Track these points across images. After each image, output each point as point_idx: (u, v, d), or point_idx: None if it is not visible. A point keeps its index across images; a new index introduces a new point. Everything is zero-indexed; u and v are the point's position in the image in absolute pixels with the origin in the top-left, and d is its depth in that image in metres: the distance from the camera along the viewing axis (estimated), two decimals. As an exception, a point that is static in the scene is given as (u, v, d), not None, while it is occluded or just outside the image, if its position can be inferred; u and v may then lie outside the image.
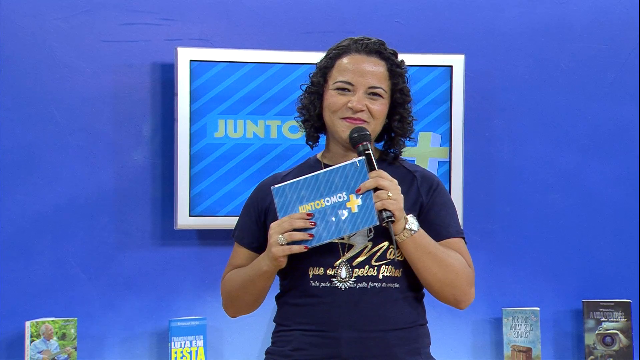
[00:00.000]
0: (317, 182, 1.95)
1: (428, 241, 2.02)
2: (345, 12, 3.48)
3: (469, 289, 2.08)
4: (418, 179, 2.12)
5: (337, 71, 2.10)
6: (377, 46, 2.12)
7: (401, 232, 1.98)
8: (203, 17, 3.39)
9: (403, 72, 2.15)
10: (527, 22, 3.59)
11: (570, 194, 3.60)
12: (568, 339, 3.57)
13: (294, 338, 2.06)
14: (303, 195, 1.95)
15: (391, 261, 2.04)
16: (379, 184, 1.95)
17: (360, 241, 2.04)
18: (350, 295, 2.01)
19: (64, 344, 3.17)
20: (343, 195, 1.94)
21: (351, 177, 1.94)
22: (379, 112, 2.08)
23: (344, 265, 2.03)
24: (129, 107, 3.34)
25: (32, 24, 3.28)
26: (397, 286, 2.05)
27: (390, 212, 1.94)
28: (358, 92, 2.07)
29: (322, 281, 2.03)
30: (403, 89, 2.14)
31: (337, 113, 2.07)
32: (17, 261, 3.25)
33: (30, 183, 3.27)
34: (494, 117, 3.57)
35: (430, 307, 3.51)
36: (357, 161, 1.95)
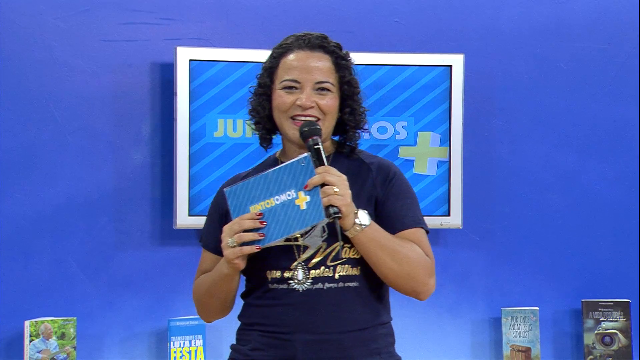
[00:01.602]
0: (266, 181, 1.93)
1: (381, 235, 1.98)
2: (345, 11, 3.48)
3: (427, 279, 2.02)
4: (373, 171, 2.07)
5: (282, 70, 2.06)
6: (319, 41, 2.08)
7: (351, 227, 1.94)
8: (202, 17, 3.39)
9: (349, 64, 2.10)
10: (526, 21, 3.58)
11: (570, 194, 3.60)
12: (567, 338, 3.57)
13: (253, 338, 2.05)
14: (254, 195, 1.93)
15: (347, 260, 2.01)
16: (325, 179, 1.91)
17: (314, 242, 2.01)
18: (306, 297, 1.99)
19: (63, 344, 3.17)
20: (292, 193, 1.92)
21: (299, 174, 1.91)
22: (329, 107, 2.04)
23: (300, 267, 2.00)
24: (129, 107, 3.34)
25: (31, 24, 3.28)
26: (356, 285, 2.02)
27: (337, 208, 1.90)
28: (305, 89, 2.03)
29: (280, 283, 2.01)
30: (350, 80, 2.08)
31: (287, 112, 2.04)
32: (16, 260, 3.25)
33: (30, 182, 3.27)
34: (494, 116, 3.57)
35: (430, 307, 3.54)
36: (302, 158, 1.92)
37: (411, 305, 3.50)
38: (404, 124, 3.41)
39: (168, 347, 3.24)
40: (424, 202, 3.41)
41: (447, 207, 3.42)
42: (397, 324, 3.47)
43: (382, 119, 3.40)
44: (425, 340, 3.50)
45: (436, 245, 3.53)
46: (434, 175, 3.42)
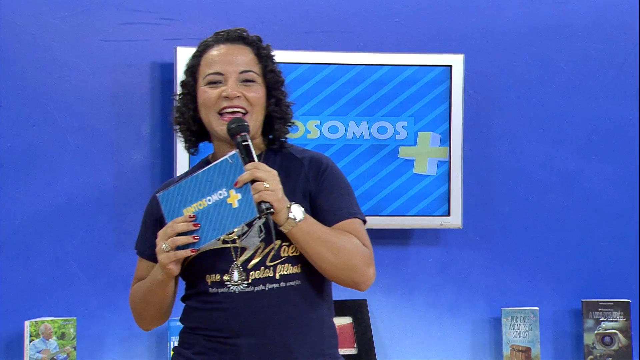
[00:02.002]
0: (197, 182, 1.91)
1: (316, 227, 1.95)
2: (345, 11, 3.48)
3: (366, 269, 2.00)
4: (305, 165, 2.05)
5: (204, 66, 2.03)
6: (238, 33, 2.07)
7: (285, 222, 1.91)
8: (202, 17, 3.39)
9: (270, 53, 2.07)
10: (526, 21, 3.58)
11: (570, 194, 3.60)
12: (567, 338, 3.57)
13: (197, 342, 2.02)
14: (186, 198, 1.91)
15: (287, 258, 1.98)
16: (255, 175, 1.88)
17: (252, 243, 1.98)
18: (248, 299, 1.96)
19: (63, 344, 3.17)
20: (223, 192, 1.89)
21: (229, 172, 1.89)
22: (256, 99, 2.02)
23: (236, 268, 1.97)
24: (129, 107, 3.34)
25: (31, 24, 3.28)
26: (298, 283, 1.99)
27: (268, 204, 1.87)
28: (230, 79, 2.00)
29: (219, 287, 1.98)
30: (274, 69, 2.06)
31: (214, 107, 2.01)
32: (16, 261, 3.25)
33: (30, 182, 3.27)
34: (494, 116, 3.57)
35: (429, 307, 3.54)
36: (229, 157, 1.90)
37: (411, 306, 3.51)
38: (404, 124, 3.41)
39: (168, 347, 3.24)
40: (423, 202, 3.41)
41: (447, 207, 3.42)
42: (397, 324, 3.49)
43: (382, 119, 3.40)
44: (425, 340, 3.50)
45: (436, 245, 3.53)
46: (434, 175, 3.42)
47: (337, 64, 3.37)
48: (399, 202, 3.41)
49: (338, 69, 3.37)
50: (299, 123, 3.35)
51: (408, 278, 3.51)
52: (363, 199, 3.38)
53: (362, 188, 3.39)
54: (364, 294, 3.45)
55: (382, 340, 3.47)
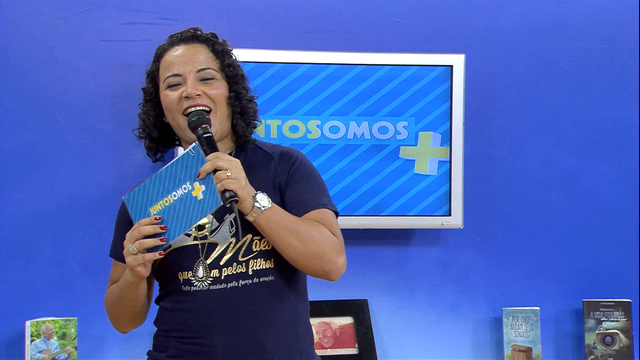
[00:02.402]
0: (161, 179, 1.89)
1: (283, 216, 1.93)
2: (345, 11, 3.48)
3: (336, 257, 1.96)
4: (276, 159, 2.04)
5: (162, 70, 2.04)
6: (191, 33, 2.06)
7: (250, 210, 1.89)
8: (203, 17, 3.39)
9: (227, 48, 2.07)
10: (527, 21, 3.59)
11: (570, 194, 3.60)
12: (568, 338, 3.57)
13: (171, 345, 1.99)
14: (152, 197, 1.90)
15: (259, 253, 1.95)
16: (216, 165, 1.86)
17: (223, 238, 1.96)
18: (221, 297, 1.93)
19: (65, 344, 3.16)
20: (187, 186, 1.87)
21: (191, 166, 1.87)
22: (217, 95, 2.01)
23: (203, 265, 1.95)
24: (129, 107, 3.34)
25: (32, 24, 3.28)
26: (272, 279, 1.96)
27: (232, 192, 1.86)
28: (189, 79, 2.00)
29: (191, 285, 1.95)
30: (231, 63, 2.05)
31: (177, 109, 2.00)
32: (17, 261, 3.25)
33: (31, 182, 3.26)
34: (494, 116, 3.57)
35: (430, 307, 3.54)
36: (191, 149, 1.88)
37: (412, 306, 3.50)
38: (405, 123, 3.41)
39: (169, 347, 3.24)
40: (424, 202, 3.41)
41: (448, 207, 3.42)
42: (398, 324, 3.49)
43: (382, 119, 3.40)
44: (426, 340, 3.49)
45: (437, 245, 3.53)
46: (434, 175, 3.42)
47: (337, 64, 3.37)
48: (400, 202, 3.41)
49: (339, 68, 3.37)
50: (299, 123, 3.35)
51: (409, 278, 3.51)
52: (364, 199, 3.38)
53: (363, 188, 3.39)
54: (365, 293, 3.45)
55: (383, 340, 3.47)
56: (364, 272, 3.48)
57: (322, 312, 3.38)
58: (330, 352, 3.35)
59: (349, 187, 3.38)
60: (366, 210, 3.38)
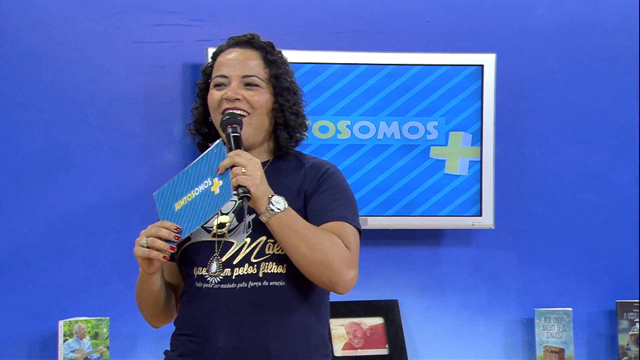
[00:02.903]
0: (187, 175, 1.93)
1: (296, 221, 1.91)
2: (375, 11, 3.48)
3: (345, 270, 1.91)
4: (307, 168, 2.03)
5: (214, 70, 2.07)
6: (247, 38, 2.07)
7: (264, 210, 1.89)
8: (233, 18, 3.40)
9: (279, 60, 2.07)
10: (558, 20, 3.56)
11: (603, 194, 3.57)
12: (601, 339, 3.54)
13: (181, 344, 2.01)
14: (178, 192, 1.93)
15: (271, 256, 1.94)
16: (234, 161, 1.88)
17: (239, 238, 1.96)
18: (229, 297, 1.92)
19: (97, 343, 3.19)
20: (208, 181, 1.90)
21: (213, 162, 1.90)
22: (258, 102, 2.01)
23: (217, 261, 1.96)
24: (161, 108, 3.36)
25: (65, 26, 3.31)
26: (282, 284, 1.94)
27: (245, 188, 1.86)
28: (232, 82, 2.02)
29: (204, 282, 1.95)
30: (279, 75, 2.05)
31: (218, 109, 2.02)
32: (50, 261, 3.28)
33: (64, 183, 3.29)
34: (525, 116, 3.55)
35: (461, 308, 3.53)
36: (215, 146, 1.91)
37: (444, 306, 3.49)
38: (435, 123, 3.40)
39: (200, 347, 3.25)
40: (455, 203, 3.40)
41: (479, 208, 3.40)
42: (428, 325, 3.48)
43: (413, 119, 3.39)
44: (457, 341, 3.48)
45: (468, 245, 3.51)
46: (465, 175, 3.41)
47: (367, 64, 3.37)
48: (431, 203, 3.40)
49: (369, 69, 3.37)
50: (329, 124, 3.35)
51: (440, 279, 3.50)
52: (394, 200, 3.37)
53: (393, 188, 3.38)
54: (396, 294, 3.44)
55: (413, 341, 3.46)
56: (394, 272, 3.47)
57: (352, 313, 3.38)
58: (361, 353, 3.35)
59: (379, 188, 3.37)
60: (396, 210, 3.38)
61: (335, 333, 3.35)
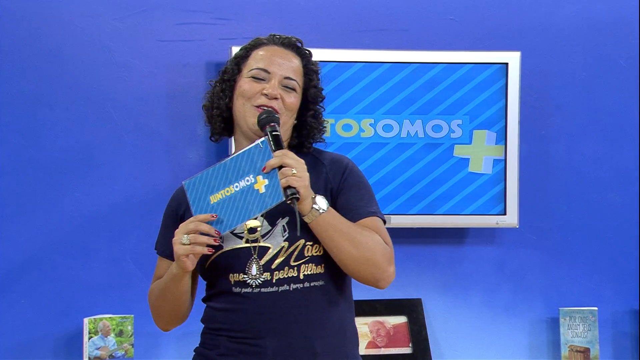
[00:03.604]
0: (225, 169, 1.91)
1: (339, 220, 1.95)
2: (399, 10, 3.47)
3: (387, 266, 1.98)
4: (327, 165, 2.07)
5: (253, 60, 2.08)
6: (293, 42, 2.12)
7: (309, 211, 1.92)
8: (257, 16, 3.40)
9: (317, 69, 2.14)
10: (583, 18, 3.54)
11: (628, 192, 3.55)
12: (627, 339, 3.52)
13: (221, 343, 2.02)
14: (213, 185, 1.91)
15: (311, 258, 1.98)
16: (283, 161, 1.90)
17: (275, 242, 1.99)
18: (272, 300, 1.96)
19: (121, 341, 3.20)
20: (250, 178, 1.90)
21: (257, 159, 1.90)
22: (292, 105, 2.06)
23: (256, 263, 1.98)
24: (184, 106, 3.37)
25: (89, 25, 3.32)
26: (322, 284, 1.99)
27: (294, 189, 1.88)
28: (273, 80, 2.05)
29: (243, 287, 1.98)
30: (316, 86, 2.12)
31: (251, 100, 2.04)
32: (75, 259, 3.30)
33: (88, 181, 3.31)
34: (550, 114, 3.53)
35: (485, 307, 3.52)
36: (260, 142, 1.91)
37: (467, 306, 3.48)
38: (459, 122, 3.39)
39: (224, 345, 3.26)
40: (479, 201, 3.39)
41: (503, 206, 3.39)
42: (452, 324, 3.47)
43: (436, 117, 3.38)
44: (481, 340, 3.47)
45: (492, 244, 3.50)
46: (489, 173, 3.39)
47: (391, 62, 3.36)
48: (454, 201, 3.39)
49: (392, 67, 3.36)
50: (353, 122, 3.35)
51: (463, 277, 3.49)
52: (417, 198, 3.37)
53: (417, 187, 3.37)
54: (419, 292, 3.44)
55: (437, 340, 3.45)
56: (418, 271, 3.47)
57: (375, 311, 3.38)
58: (384, 352, 3.34)
59: (402, 186, 3.37)
60: (420, 209, 3.37)
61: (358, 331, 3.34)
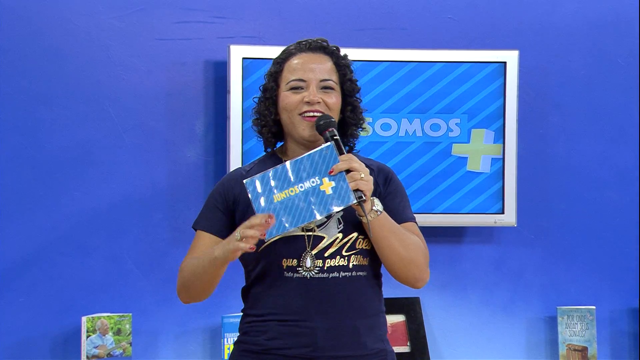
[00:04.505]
0: (286, 171, 2.03)
1: (392, 222, 2.11)
2: (398, 9, 3.47)
3: (426, 267, 2.17)
4: (375, 171, 2.19)
5: (287, 72, 2.18)
6: (319, 43, 2.21)
7: (369, 212, 2.06)
8: (256, 15, 3.40)
9: (348, 63, 2.22)
10: (582, 17, 3.54)
11: (626, 191, 3.55)
12: (625, 338, 3.52)
13: (269, 328, 2.12)
14: (276, 185, 2.02)
15: (360, 250, 2.13)
16: (351, 166, 2.03)
17: (331, 233, 2.12)
18: (323, 285, 2.10)
19: (119, 339, 3.21)
20: (316, 180, 2.01)
21: (322, 162, 2.02)
22: (334, 104, 2.16)
23: (311, 257, 2.11)
24: (182, 105, 3.37)
25: (88, 23, 3.32)
26: (365, 274, 2.14)
27: (362, 192, 2.02)
28: (311, 86, 2.15)
29: (295, 272, 2.11)
30: (351, 78, 2.21)
31: (295, 111, 2.15)
32: (73, 257, 3.30)
33: (86, 180, 3.31)
34: (549, 113, 3.53)
35: (483, 306, 3.52)
36: (325, 147, 2.03)
37: (465, 304, 3.48)
38: (458, 120, 3.39)
39: (221, 344, 3.26)
40: (477, 200, 3.39)
41: (501, 205, 3.39)
42: (450, 322, 3.47)
43: (435, 116, 3.38)
44: (479, 339, 3.47)
45: (490, 243, 3.50)
46: (487, 172, 3.40)
47: (389, 61, 3.36)
48: (453, 200, 3.39)
49: (391, 65, 3.36)
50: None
51: (461, 276, 3.49)
52: (416, 197, 3.37)
53: (415, 185, 3.37)
54: (417, 291, 3.44)
55: (435, 338, 3.45)
56: (416, 270, 3.46)
57: (374, 310, 3.38)
58: (382, 350, 3.34)
59: (401, 185, 3.36)
60: (418, 207, 3.37)
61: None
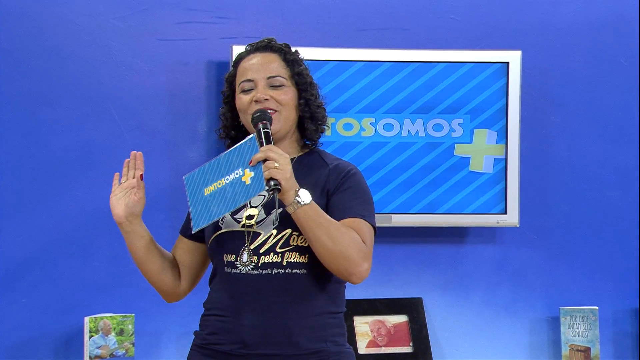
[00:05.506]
0: (219, 164, 2.07)
1: (319, 214, 2.06)
2: (400, 9, 3.47)
3: (360, 261, 2.08)
4: (330, 168, 2.18)
5: (238, 75, 2.21)
6: (265, 43, 2.23)
7: (291, 203, 2.04)
8: (258, 15, 3.40)
9: (297, 58, 2.24)
10: (584, 17, 3.54)
11: (629, 191, 3.55)
12: (628, 338, 3.52)
13: (210, 323, 2.17)
14: (208, 179, 2.08)
15: (295, 247, 2.11)
16: (267, 155, 2.03)
17: (266, 229, 2.13)
18: (254, 281, 2.10)
19: (122, 340, 3.21)
20: (239, 171, 2.05)
21: (246, 154, 2.05)
22: (285, 100, 2.17)
23: (248, 251, 2.12)
24: (185, 105, 3.37)
25: (90, 23, 3.32)
26: (304, 272, 2.11)
27: (276, 181, 2.01)
28: (259, 85, 2.17)
29: (232, 268, 2.12)
30: (301, 72, 2.22)
31: (248, 111, 2.17)
32: (75, 257, 3.30)
33: (88, 180, 3.31)
34: (551, 113, 3.53)
35: (486, 306, 3.52)
36: (248, 139, 2.06)
37: (468, 305, 3.48)
38: (460, 121, 3.39)
39: (224, 344, 3.26)
40: (479, 200, 3.39)
41: (504, 205, 3.39)
42: (453, 323, 3.47)
43: (437, 117, 3.38)
44: (481, 339, 3.47)
45: (492, 243, 3.50)
46: (490, 173, 3.40)
47: (392, 61, 3.36)
48: (455, 200, 3.39)
49: (393, 66, 3.36)
50: (353, 121, 3.35)
51: (464, 276, 3.49)
52: (418, 197, 3.37)
53: (417, 186, 3.37)
54: (420, 292, 3.44)
55: (437, 339, 3.45)
56: (419, 270, 3.47)
57: (376, 310, 3.38)
58: (385, 350, 3.35)
59: (403, 185, 3.37)
60: (420, 208, 3.37)
61: (359, 331, 3.35)
